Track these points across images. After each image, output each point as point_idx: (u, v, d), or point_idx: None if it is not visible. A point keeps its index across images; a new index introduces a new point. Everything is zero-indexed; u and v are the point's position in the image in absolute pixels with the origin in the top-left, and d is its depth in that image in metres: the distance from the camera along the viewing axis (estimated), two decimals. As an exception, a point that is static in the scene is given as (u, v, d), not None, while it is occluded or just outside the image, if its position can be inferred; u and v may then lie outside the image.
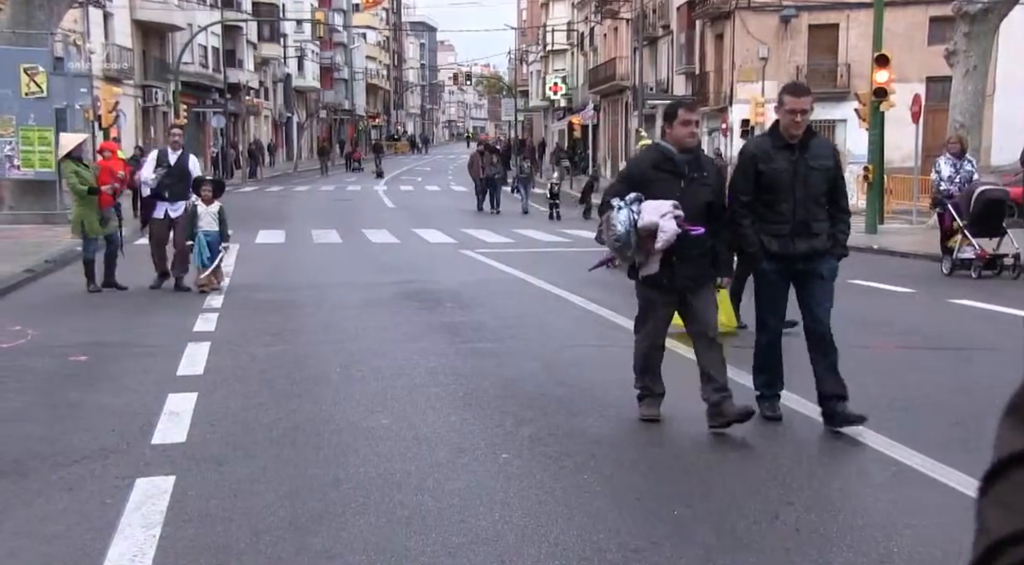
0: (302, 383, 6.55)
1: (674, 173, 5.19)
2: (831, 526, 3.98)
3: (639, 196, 5.11)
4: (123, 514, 4.08)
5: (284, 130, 63.54)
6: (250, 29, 53.28)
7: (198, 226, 10.58)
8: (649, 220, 5.02)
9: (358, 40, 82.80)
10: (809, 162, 5.24)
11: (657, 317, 5.42)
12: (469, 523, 3.98)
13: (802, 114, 5.22)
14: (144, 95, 38.75)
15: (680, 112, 5.22)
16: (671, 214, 5.03)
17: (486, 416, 5.68)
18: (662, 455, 4.93)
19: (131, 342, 8.10)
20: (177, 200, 10.81)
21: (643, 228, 5.03)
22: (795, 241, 5.26)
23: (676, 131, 5.21)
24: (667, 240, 5.02)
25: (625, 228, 5.03)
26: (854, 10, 28.80)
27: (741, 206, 5.30)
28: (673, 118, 5.24)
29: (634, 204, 5.08)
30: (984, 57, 18.23)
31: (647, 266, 5.21)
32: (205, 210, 10.68)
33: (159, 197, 10.89)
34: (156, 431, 5.33)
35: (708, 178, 5.29)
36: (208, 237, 10.60)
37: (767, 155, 5.28)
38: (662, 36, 39.26)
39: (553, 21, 62.03)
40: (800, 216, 5.24)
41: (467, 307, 9.96)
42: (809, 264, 5.30)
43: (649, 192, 5.13)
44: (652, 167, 5.27)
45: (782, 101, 5.26)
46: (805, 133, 5.29)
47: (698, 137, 5.32)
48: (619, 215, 5.06)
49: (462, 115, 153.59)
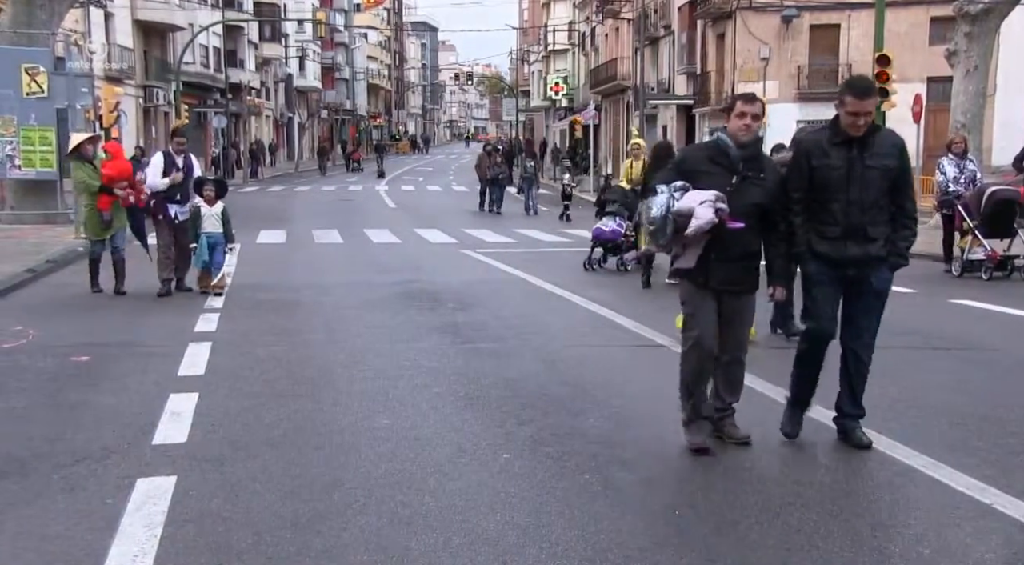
0: (303, 383, 6.55)
1: (727, 168, 4.88)
2: (832, 526, 3.98)
3: (685, 185, 4.83)
4: (124, 514, 4.09)
5: (285, 130, 63.59)
6: (251, 29, 53.35)
7: (201, 228, 10.40)
8: (685, 205, 4.74)
9: (359, 40, 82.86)
10: (867, 161, 4.81)
11: (706, 319, 4.94)
12: (470, 523, 3.99)
13: (865, 117, 4.80)
14: (145, 95, 38.80)
15: (737, 104, 4.95)
16: (711, 203, 4.71)
17: (487, 416, 5.68)
18: (663, 455, 4.92)
19: (132, 342, 8.11)
20: (186, 201, 10.75)
21: (677, 212, 4.74)
22: (847, 245, 4.84)
23: (731, 124, 4.93)
24: (698, 227, 4.70)
25: (660, 211, 4.78)
26: (855, 10, 28.79)
27: (793, 202, 4.95)
28: (731, 110, 4.98)
29: (677, 192, 4.82)
30: (985, 57, 18.21)
31: (683, 258, 4.93)
32: (208, 211, 10.48)
33: (170, 199, 10.73)
34: (157, 431, 5.33)
35: (764, 179, 4.93)
36: (211, 239, 10.42)
37: (821, 150, 4.87)
38: (663, 36, 39.26)
39: (554, 21, 62.05)
40: (854, 219, 4.82)
41: (468, 307, 9.96)
42: (863, 270, 4.89)
43: (698, 184, 4.83)
44: (706, 159, 4.96)
45: (844, 100, 4.80)
46: (867, 129, 4.84)
47: (754, 132, 4.91)
48: (657, 199, 4.84)
49: (463, 115, 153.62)
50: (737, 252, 4.87)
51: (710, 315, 4.93)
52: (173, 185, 10.55)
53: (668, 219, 4.77)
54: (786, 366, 5.37)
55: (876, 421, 5.33)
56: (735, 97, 5.08)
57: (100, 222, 10.57)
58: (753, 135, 4.90)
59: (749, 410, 5.38)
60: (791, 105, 30.07)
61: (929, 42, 27.54)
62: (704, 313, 4.93)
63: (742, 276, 4.96)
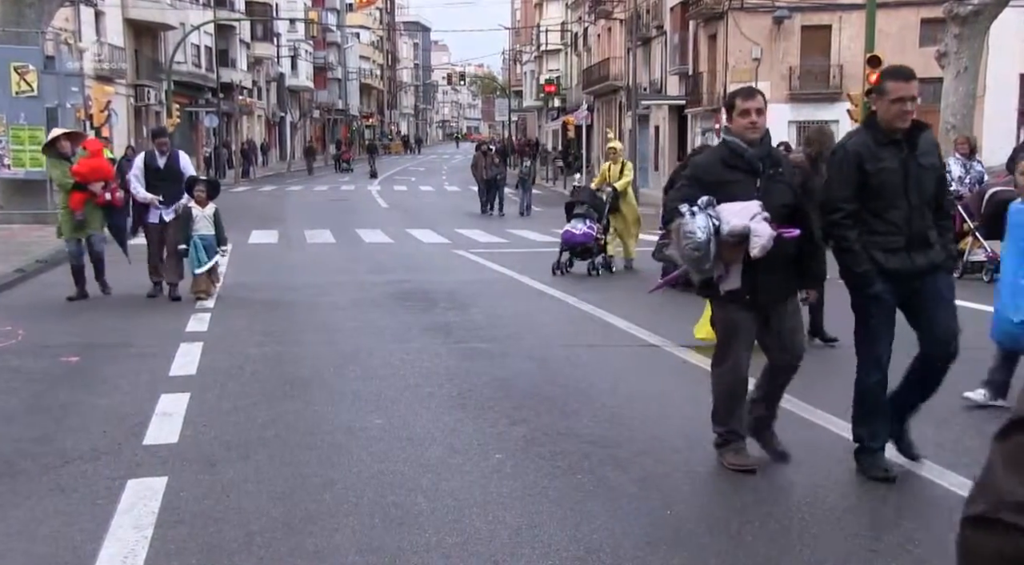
0: (295, 383, 6.53)
1: (749, 171, 4.50)
2: (823, 525, 3.99)
3: (711, 200, 4.40)
4: (114, 515, 4.07)
5: (277, 130, 63.47)
6: (243, 28, 53.23)
7: (193, 230, 9.92)
8: (737, 224, 4.30)
9: (352, 40, 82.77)
10: (920, 160, 4.42)
11: (741, 343, 4.59)
12: (463, 523, 3.98)
13: (911, 102, 4.36)
14: (136, 94, 38.66)
15: (737, 102, 4.55)
16: (760, 215, 4.33)
17: (480, 416, 5.68)
18: (656, 455, 4.92)
19: (123, 342, 8.07)
20: (172, 203, 10.24)
21: (730, 234, 4.30)
22: (913, 255, 4.39)
23: (736, 123, 4.56)
24: (763, 246, 4.29)
25: (706, 234, 4.28)
26: (846, 11, 28.88)
27: (844, 217, 4.38)
28: (731, 109, 4.59)
29: (708, 208, 4.37)
30: (975, 59, 18.29)
31: (728, 279, 4.47)
32: (200, 212, 10.00)
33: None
34: (148, 432, 5.31)
35: (784, 175, 4.58)
36: (204, 241, 9.94)
37: (872, 153, 4.39)
38: (656, 36, 39.30)
39: (547, 21, 62.10)
40: (916, 226, 4.39)
41: (461, 307, 9.95)
42: (923, 281, 4.46)
43: (723, 194, 4.41)
44: (723, 166, 4.53)
45: (884, 89, 4.38)
46: (912, 126, 4.44)
47: (761, 129, 4.53)
48: (696, 221, 4.31)
49: (456, 115, 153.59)
50: (781, 261, 4.45)
51: (751, 337, 4.61)
52: (155, 186, 10.14)
53: (713, 241, 4.30)
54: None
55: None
56: (733, 95, 4.67)
57: (72, 221, 10.07)
58: (761, 131, 4.55)
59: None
60: (783, 106, 30.11)
61: (920, 43, 27.62)
62: (746, 335, 4.57)
63: (787, 284, 4.61)
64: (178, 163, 10.42)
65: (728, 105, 4.65)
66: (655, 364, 7.27)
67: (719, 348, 4.69)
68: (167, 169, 10.28)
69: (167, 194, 10.21)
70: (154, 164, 10.29)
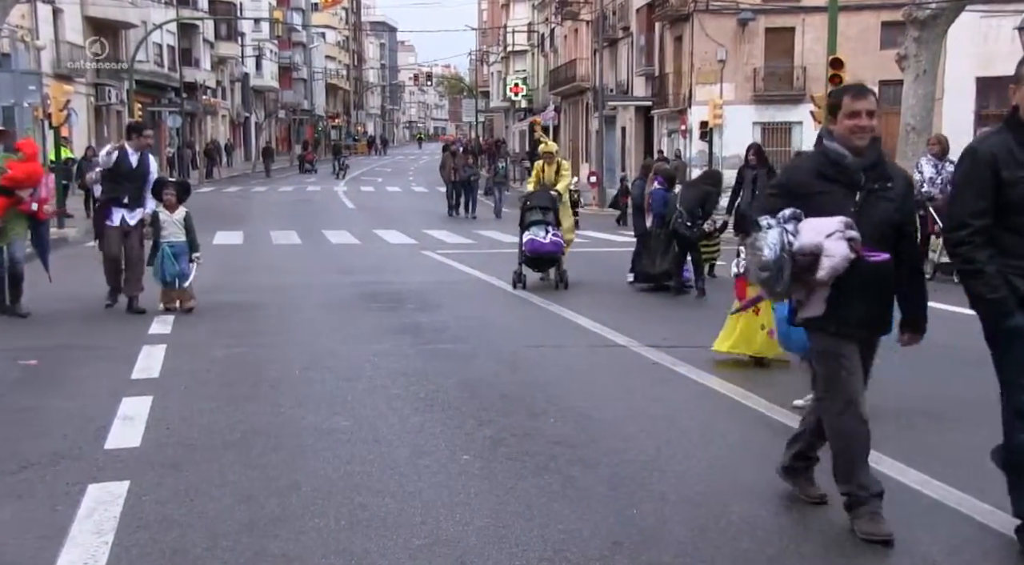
0: (261, 385, 6.47)
1: (847, 183, 3.86)
2: (786, 522, 4.01)
3: (797, 213, 3.81)
4: (75, 521, 4.00)
5: (242, 130, 62.92)
6: (207, 27, 52.69)
7: (161, 236, 9.29)
8: (809, 241, 3.73)
9: (317, 40, 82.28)
10: None
11: (850, 378, 3.88)
12: (430, 525, 3.96)
13: None
14: (97, 94, 38.13)
15: (845, 100, 3.87)
16: (840, 233, 3.72)
17: (447, 417, 5.66)
18: (623, 455, 4.93)
19: (84, 345, 7.95)
20: (136, 207, 9.53)
21: (800, 251, 3.73)
22: None
23: (840, 126, 3.89)
24: (833, 268, 3.72)
25: (775, 253, 3.74)
26: (809, 14, 29.17)
27: (972, 234, 3.64)
28: (836, 109, 3.92)
29: (790, 223, 3.80)
30: (934, 62, 18.56)
31: (808, 305, 3.90)
32: (169, 218, 9.35)
33: (116, 202, 9.57)
34: (110, 436, 5.23)
35: (893, 190, 3.89)
36: (173, 249, 9.26)
37: (1012, 158, 3.61)
38: (622, 38, 39.48)
39: (513, 22, 62.16)
40: None
41: (428, 308, 9.92)
42: None
43: (812, 209, 3.81)
44: (816, 176, 3.90)
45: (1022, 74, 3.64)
46: None
47: (870, 134, 3.86)
48: (767, 236, 3.77)
49: (423, 116, 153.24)
50: (875, 287, 3.85)
51: (859, 370, 3.92)
52: (122, 186, 9.41)
53: (786, 260, 3.76)
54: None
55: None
56: (840, 92, 4.00)
57: None
58: (869, 137, 3.87)
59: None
60: (747, 107, 30.40)
61: (880, 46, 27.98)
62: (853, 367, 3.89)
63: (882, 315, 3.96)
64: (148, 164, 9.74)
65: (833, 104, 3.97)
66: (622, 364, 7.29)
67: (824, 389, 3.97)
68: (138, 169, 9.59)
69: (132, 196, 9.53)
70: (127, 162, 9.55)
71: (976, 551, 3.76)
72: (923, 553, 3.72)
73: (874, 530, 3.80)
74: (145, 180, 9.60)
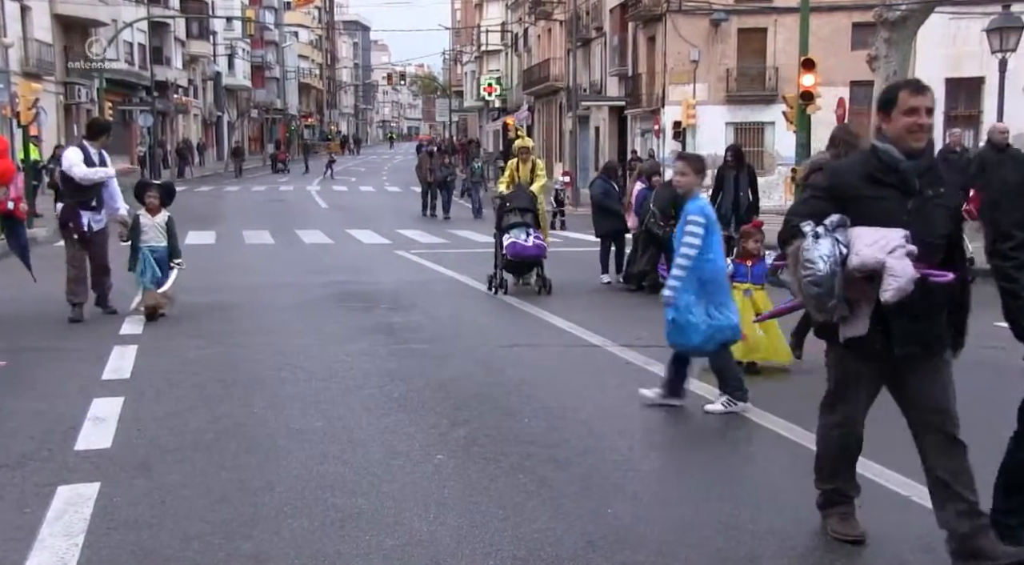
0: (234, 386, 6.43)
1: (900, 189, 3.47)
2: (761, 520, 4.04)
3: (844, 219, 3.44)
4: (44, 523, 3.96)
5: (214, 129, 62.45)
6: (178, 26, 52.25)
7: (141, 241, 8.95)
8: (870, 258, 3.33)
9: (290, 39, 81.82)
10: None
11: (858, 397, 3.70)
12: (404, 525, 3.96)
13: None
14: (67, 92, 37.69)
15: (902, 96, 3.49)
16: (902, 249, 3.34)
17: (421, 417, 5.65)
18: (597, 454, 4.95)
19: (53, 346, 7.86)
20: (101, 209, 9.04)
21: (859, 269, 3.35)
22: None
23: (894, 124, 3.50)
24: (900, 289, 3.31)
25: (829, 267, 3.34)
26: (781, 15, 29.39)
27: (1016, 247, 3.37)
28: (891, 105, 3.51)
29: (838, 231, 3.42)
30: (903, 63, 18.78)
31: (852, 323, 3.51)
32: (150, 222, 8.99)
33: (83, 205, 8.97)
34: (80, 437, 5.18)
35: (946, 196, 3.52)
36: (155, 254, 8.94)
37: None
38: (595, 38, 39.58)
39: (487, 22, 62.12)
40: None
41: (402, 308, 9.90)
42: None
43: (859, 215, 3.44)
44: (866, 179, 3.50)
45: None
46: None
47: (928, 134, 3.49)
48: (819, 246, 3.38)
49: (396, 115, 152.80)
50: (927, 302, 3.45)
51: (868, 391, 3.71)
52: (87, 186, 8.87)
53: (838, 274, 3.37)
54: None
55: (807, 420, 5.44)
56: (895, 88, 3.58)
57: None
58: (927, 138, 3.51)
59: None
60: (720, 107, 30.58)
61: (852, 47, 28.24)
62: (861, 389, 3.68)
63: (936, 333, 3.56)
64: (106, 164, 9.19)
65: (887, 100, 3.55)
66: (596, 363, 7.31)
67: (830, 395, 3.79)
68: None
69: (99, 197, 9.04)
70: (89, 159, 8.96)
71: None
72: (895, 551, 3.76)
73: (846, 530, 3.80)
74: (107, 181, 9.12)
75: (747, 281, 6.92)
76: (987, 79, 24.89)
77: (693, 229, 5.62)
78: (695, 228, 5.62)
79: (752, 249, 7.07)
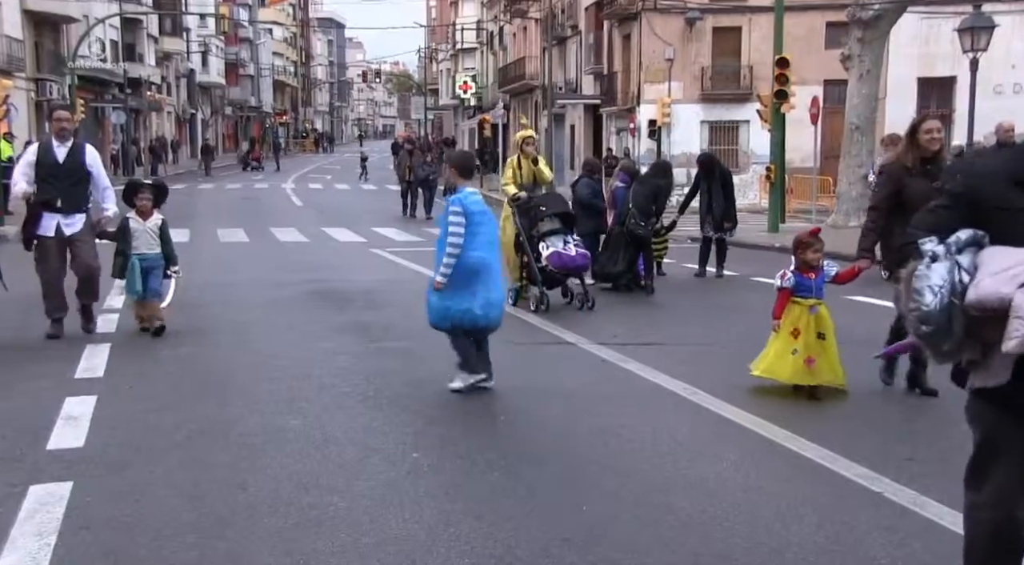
0: (208, 384, 6.40)
1: None
2: (734, 518, 4.07)
3: (979, 236, 2.70)
4: (15, 523, 3.92)
5: (188, 127, 61.95)
6: (151, 22, 51.76)
7: (131, 247, 8.08)
8: (989, 292, 2.59)
9: (264, 36, 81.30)
10: None
11: (1010, 462, 2.76)
12: (379, 523, 3.96)
13: None
14: (37, 89, 37.26)
15: None
16: None
17: (396, 416, 5.65)
18: (571, 452, 4.97)
19: (24, 344, 7.77)
20: (73, 211, 7.89)
21: (976, 304, 2.60)
22: None
23: None
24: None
25: (939, 301, 2.63)
26: (756, 14, 29.55)
27: None
28: None
29: (965, 252, 2.68)
30: (877, 62, 18.97)
31: (986, 369, 2.72)
32: (142, 226, 8.12)
33: (48, 207, 7.84)
34: (52, 436, 5.13)
35: None
36: (145, 262, 8.05)
37: None
38: (571, 36, 39.62)
39: (462, 20, 62.04)
40: None
41: (377, 306, 9.88)
42: None
43: (1000, 232, 2.68)
44: (1011, 183, 2.71)
45: None
46: None
47: None
48: (931, 275, 2.65)
49: (372, 113, 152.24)
50: None
51: (1018, 465, 2.76)
52: (51, 186, 7.82)
53: (956, 309, 2.63)
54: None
55: (783, 418, 5.48)
56: None
57: None
58: None
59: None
60: (695, 105, 30.71)
61: (825, 46, 28.44)
62: (1012, 462, 2.76)
63: None
64: (82, 157, 7.98)
65: None
66: (571, 361, 7.33)
67: (973, 465, 2.87)
68: (68, 163, 7.89)
69: (67, 197, 7.86)
70: (50, 157, 7.86)
71: (916, 544, 3.85)
72: (866, 548, 3.80)
73: None
74: (81, 176, 7.94)
75: (811, 296, 6.21)
76: (959, 79, 25.16)
77: (454, 219, 6.05)
78: (456, 219, 6.06)
79: (811, 260, 6.25)
